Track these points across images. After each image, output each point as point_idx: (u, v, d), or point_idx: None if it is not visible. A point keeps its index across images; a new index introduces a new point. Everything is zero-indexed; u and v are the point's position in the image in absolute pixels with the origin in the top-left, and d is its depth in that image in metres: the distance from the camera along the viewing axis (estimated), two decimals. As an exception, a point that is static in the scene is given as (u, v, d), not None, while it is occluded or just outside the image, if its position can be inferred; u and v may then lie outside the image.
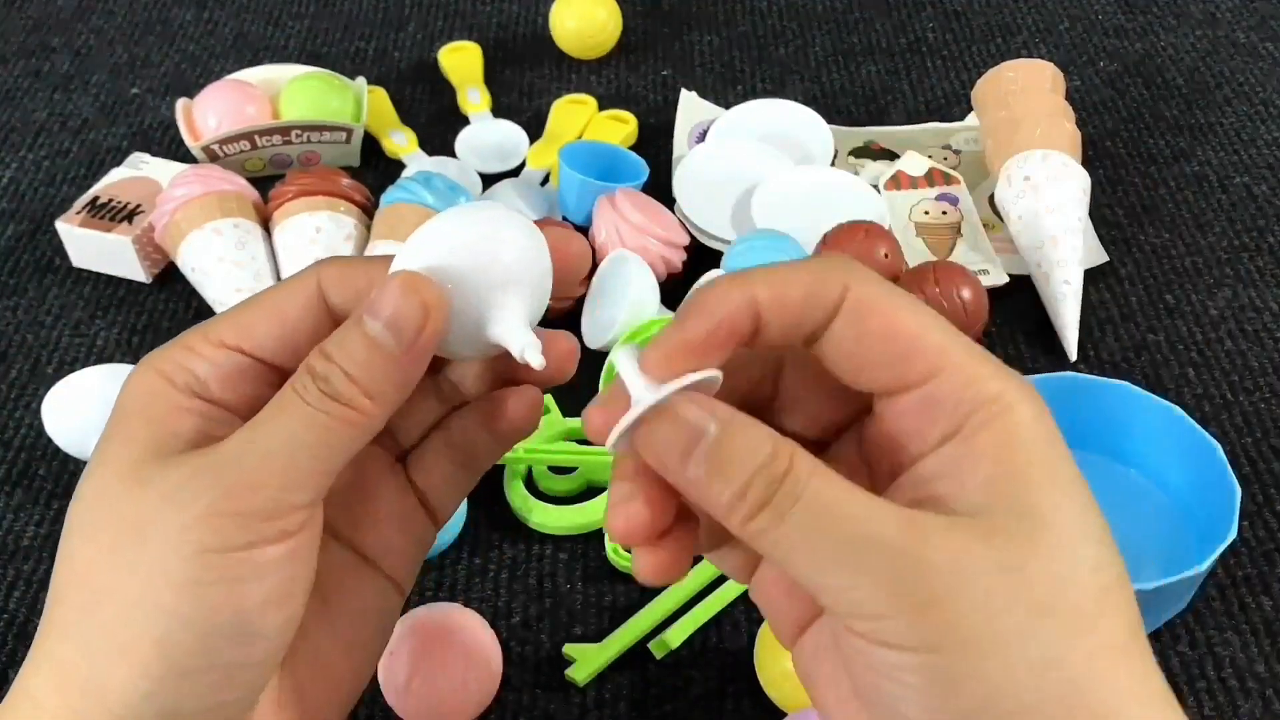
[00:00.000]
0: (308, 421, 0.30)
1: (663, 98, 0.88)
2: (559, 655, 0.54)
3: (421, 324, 0.30)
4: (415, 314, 0.30)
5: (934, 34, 0.94)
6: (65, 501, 0.62)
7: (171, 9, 1.00)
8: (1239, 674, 0.53)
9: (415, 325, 0.30)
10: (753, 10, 0.97)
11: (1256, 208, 0.77)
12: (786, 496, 0.27)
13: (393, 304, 0.29)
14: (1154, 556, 0.56)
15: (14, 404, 0.68)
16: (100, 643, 0.29)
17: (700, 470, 0.28)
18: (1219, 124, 0.84)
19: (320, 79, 0.83)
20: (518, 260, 0.31)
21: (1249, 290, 0.71)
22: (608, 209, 0.71)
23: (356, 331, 0.30)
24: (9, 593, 0.58)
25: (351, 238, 0.72)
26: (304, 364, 0.30)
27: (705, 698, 0.53)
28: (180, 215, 0.71)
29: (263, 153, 0.81)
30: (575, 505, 0.60)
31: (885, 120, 0.86)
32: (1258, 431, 0.63)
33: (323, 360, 0.30)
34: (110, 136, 0.87)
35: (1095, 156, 0.81)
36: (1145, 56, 0.91)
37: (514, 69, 0.92)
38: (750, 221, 0.74)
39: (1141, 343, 0.69)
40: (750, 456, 0.28)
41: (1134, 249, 0.75)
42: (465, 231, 0.31)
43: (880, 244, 0.69)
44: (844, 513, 0.27)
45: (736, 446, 0.28)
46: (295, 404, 0.30)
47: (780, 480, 0.27)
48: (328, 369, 0.30)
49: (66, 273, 0.76)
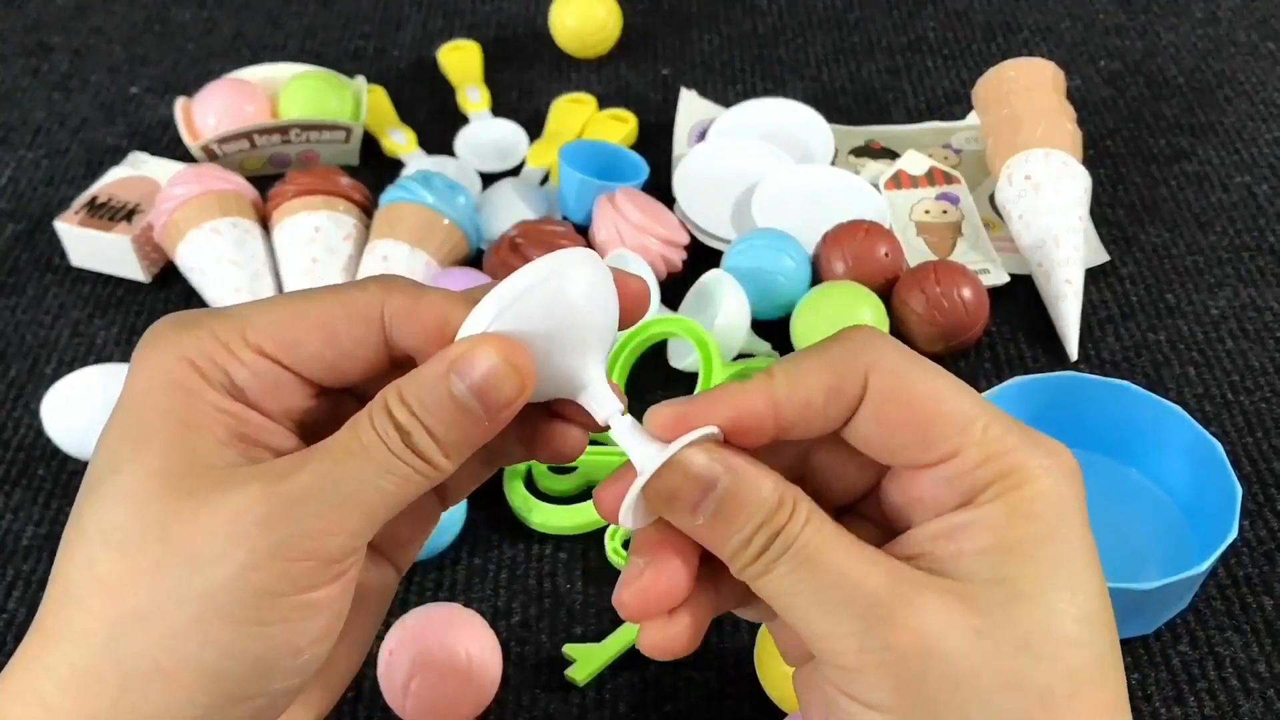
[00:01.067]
0: (387, 470, 0.29)
1: (663, 97, 0.88)
2: (559, 655, 0.54)
3: (513, 398, 0.29)
4: (508, 388, 0.29)
5: (935, 33, 0.94)
6: (64, 502, 0.62)
7: (170, 8, 1.00)
8: (1240, 674, 0.53)
9: (507, 398, 0.29)
10: (753, 9, 0.97)
11: (1257, 207, 0.77)
12: (781, 544, 0.28)
13: (485, 371, 0.28)
14: (1155, 556, 0.56)
15: (13, 404, 0.68)
16: (136, 664, 0.28)
17: (709, 519, 0.29)
18: (1220, 123, 0.84)
19: (319, 78, 0.83)
20: (606, 323, 0.31)
21: (1250, 289, 0.71)
22: (608, 208, 0.71)
23: (444, 390, 0.29)
24: (8, 592, 0.58)
25: (350, 237, 0.72)
26: (385, 408, 0.29)
27: (705, 698, 0.53)
28: (179, 215, 0.71)
29: (262, 152, 0.81)
30: (575, 505, 0.60)
31: (886, 119, 0.86)
32: (1258, 431, 0.63)
33: (407, 413, 0.29)
34: (109, 136, 0.87)
35: (1096, 155, 0.81)
36: (1146, 55, 0.90)
37: (513, 68, 0.92)
38: (750, 221, 0.74)
39: (1142, 342, 0.69)
40: (757, 506, 0.28)
41: (1135, 248, 0.75)
42: (556, 292, 0.29)
43: (881, 243, 0.69)
44: (830, 563, 0.28)
45: (744, 497, 0.29)
46: (377, 450, 0.29)
47: (780, 529, 0.28)
48: (412, 424, 0.29)
49: (65, 272, 0.76)
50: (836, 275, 0.68)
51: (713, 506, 0.29)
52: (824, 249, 0.69)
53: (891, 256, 0.69)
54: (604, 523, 0.59)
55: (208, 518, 0.28)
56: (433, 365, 0.29)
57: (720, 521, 0.29)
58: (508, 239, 0.70)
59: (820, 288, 0.67)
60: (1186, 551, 0.55)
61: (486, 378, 0.28)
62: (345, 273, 0.71)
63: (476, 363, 0.28)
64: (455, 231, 0.71)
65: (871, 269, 0.68)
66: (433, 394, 0.29)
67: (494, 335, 0.29)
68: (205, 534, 0.27)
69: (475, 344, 0.29)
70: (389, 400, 0.29)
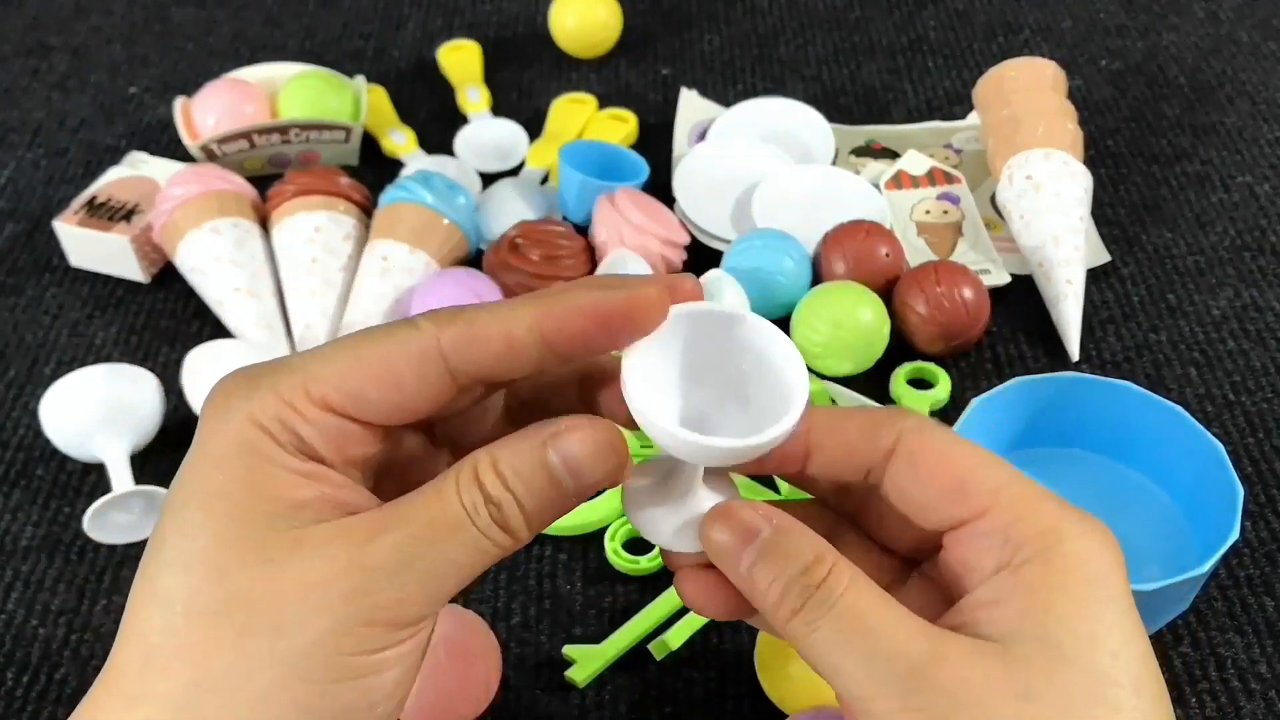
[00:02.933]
0: (472, 546, 0.29)
1: (663, 97, 0.88)
2: (559, 656, 0.54)
3: (605, 480, 0.30)
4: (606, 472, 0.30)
5: (935, 32, 0.94)
6: (63, 502, 0.62)
7: (170, 8, 1.00)
8: (1241, 675, 0.53)
9: (599, 480, 0.30)
10: (753, 9, 0.97)
11: (1259, 207, 0.77)
12: (820, 604, 0.29)
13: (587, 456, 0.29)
14: (1156, 557, 0.56)
15: (12, 404, 0.68)
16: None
17: (751, 568, 0.30)
18: (1221, 123, 0.84)
19: (319, 78, 0.83)
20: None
21: (1251, 290, 0.71)
22: (608, 208, 0.71)
23: (538, 462, 0.29)
24: (7, 593, 0.58)
25: (350, 237, 0.72)
26: (475, 478, 0.29)
27: (705, 699, 0.53)
28: (178, 215, 0.71)
29: (261, 152, 0.81)
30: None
31: (886, 119, 0.86)
32: (1260, 431, 0.63)
33: (499, 485, 0.29)
34: (108, 136, 0.87)
35: (1097, 155, 0.81)
36: (1147, 55, 0.90)
37: (513, 68, 0.92)
38: (750, 221, 0.74)
39: (1144, 342, 0.68)
40: (794, 560, 0.29)
41: (1136, 248, 0.74)
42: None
43: (881, 243, 0.69)
44: (871, 627, 0.29)
45: (784, 549, 0.30)
46: (463, 526, 0.29)
47: (817, 587, 0.29)
48: (503, 497, 0.29)
49: (64, 272, 0.76)
50: (837, 275, 0.68)
51: (754, 555, 0.30)
52: (824, 249, 0.69)
53: (892, 257, 0.69)
54: (604, 523, 0.59)
55: (289, 585, 0.28)
56: (529, 437, 0.30)
57: (760, 571, 0.30)
58: (508, 239, 0.70)
59: (820, 288, 0.67)
60: (1188, 552, 0.55)
61: (586, 456, 0.29)
62: (345, 272, 0.71)
63: (576, 440, 0.29)
64: (455, 231, 0.71)
65: (872, 269, 0.68)
66: (529, 466, 0.29)
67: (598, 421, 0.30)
68: (288, 602, 0.28)
69: (576, 423, 0.30)
70: (480, 469, 0.29)
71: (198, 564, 0.28)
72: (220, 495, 0.29)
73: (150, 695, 0.28)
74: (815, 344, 0.65)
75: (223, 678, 0.28)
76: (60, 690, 0.54)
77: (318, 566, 0.28)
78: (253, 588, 0.28)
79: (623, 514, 0.59)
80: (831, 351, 0.65)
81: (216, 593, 0.28)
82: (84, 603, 0.58)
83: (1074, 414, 0.59)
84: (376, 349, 0.30)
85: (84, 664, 0.55)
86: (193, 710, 0.28)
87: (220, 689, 0.28)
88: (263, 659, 0.28)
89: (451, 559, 0.29)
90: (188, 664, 0.28)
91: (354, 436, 0.30)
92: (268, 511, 0.29)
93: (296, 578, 0.28)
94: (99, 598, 0.58)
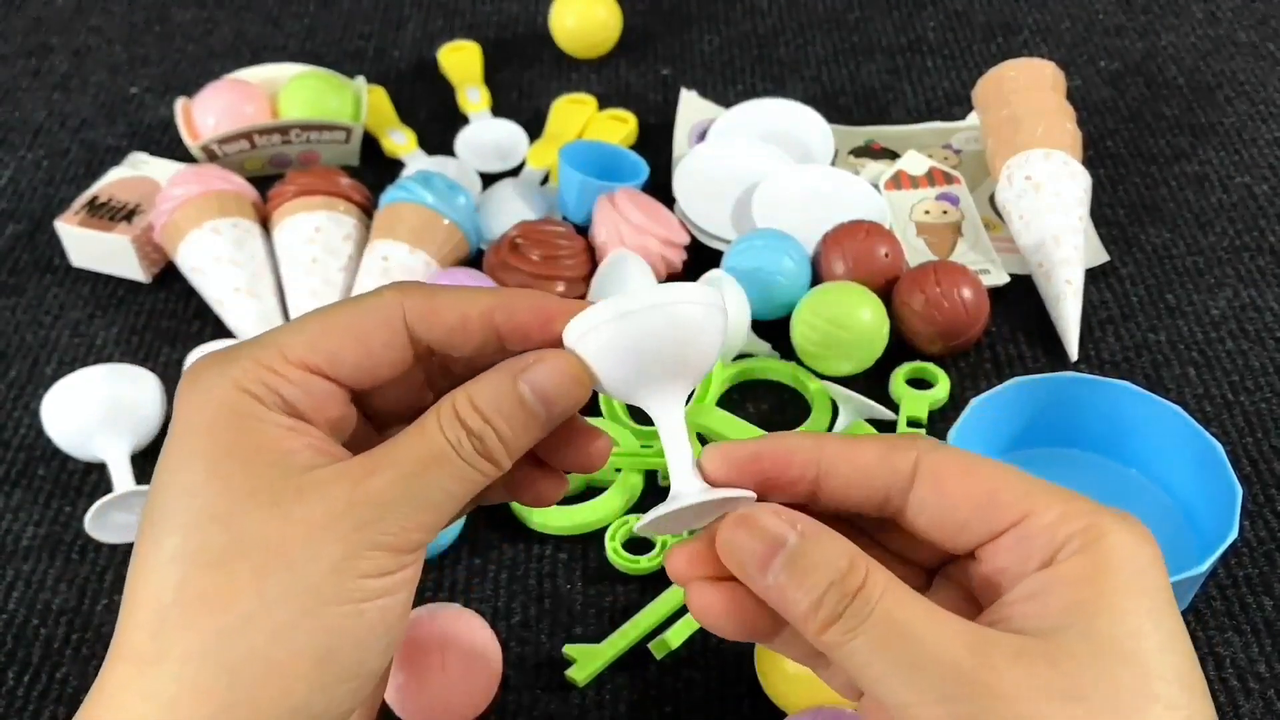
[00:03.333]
0: (460, 476, 0.31)
1: (663, 97, 0.88)
2: (559, 656, 0.54)
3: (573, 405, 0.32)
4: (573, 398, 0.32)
5: (935, 33, 0.94)
6: (64, 502, 0.62)
7: (170, 8, 1.00)
8: (1240, 674, 0.53)
9: (567, 407, 0.32)
10: (753, 9, 0.97)
11: (1258, 207, 0.77)
12: (858, 613, 0.28)
13: (554, 384, 0.32)
14: (1155, 557, 0.56)
15: (13, 404, 0.68)
16: (247, 664, 0.29)
17: (778, 579, 0.29)
18: (1220, 123, 0.84)
19: (319, 78, 0.83)
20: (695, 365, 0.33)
21: (1250, 290, 0.71)
22: (608, 208, 0.71)
23: (512, 394, 0.31)
24: (8, 593, 0.58)
25: (350, 237, 0.72)
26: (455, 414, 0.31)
27: (705, 699, 0.53)
28: (179, 215, 0.71)
29: (262, 152, 0.81)
30: (575, 505, 0.60)
31: (886, 119, 0.86)
32: (1259, 431, 0.63)
33: (478, 419, 0.31)
34: (109, 136, 0.87)
35: (1096, 156, 0.81)
36: (1146, 56, 0.90)
37: (513, 68, 0.92)
38: (750, 221, 0.74)
39: (1142, 342, 0.69)
40: (827, 568, 0.29)
41: (1135, 248, 0.75)
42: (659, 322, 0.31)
43: (881, 243, 0.69)
44: (912, 633, 0.28)
45: (814, 557, 0.29)
46: (450, 459, 0.31)
47: (853, 595, 0.28)
48: (483, 429, 0.31)
49: (65, 272, 0.76)
50: (836, 275, 0.68)
51: (781, 566, 0.29)
52: (824, 249, 0.69)
53: (891, 257, 0.69)
54: (604, 523, 0.59)
55: (297, 525, 0.30)
56: (500, 373, 0.32)
57: (790, 582, 0.29)
58: (508, 239, 0.70)
59: (820, 288, 0.67)
60: (1186, 552, 0.55)
61: (556, 389, 0.32)
62: (345, 273, 0.71)
63: (549, 378, 0.32)
64: (455, 232, 0.71)
65: (871, 269, 0.68)
66: (503, 397, 0.31)
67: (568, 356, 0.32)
68: (298, 540, 0.30)
69: (541, 356, 0.32)
70: (458, 406, 0.31)
71: (205, 518, 0.30)
72: (217, 453, 0.30)
73: (169, 655, 0.29)
74: (815, 344, 0.65)
75: (247, 618, 0.29)
76: (61, 690, 0.54)
77: (322, 506, 0.30)
78: (264, 530, 0.29)
79: (623, 514, 0.59)
80: (831, 352, 0.65)
81: (227, 541, 0.29)
82: (85, 602, 0.58)
83: (1073, 414, 0.59)
84: (345, 315, 0.33)
85: (85, 663, 0.55)
86: (219, 656, 0.29)
87: (244, 630, 0.29)
88: (282, 594, 0.29)
89: (444, 489, 0.31)
90: (208, 612, 0.29)
91: (331, 396, 0.32)
92: (266, 461, 0.30)
93: (303, 517, 0.30)
94: (100, 597, 0.58)
